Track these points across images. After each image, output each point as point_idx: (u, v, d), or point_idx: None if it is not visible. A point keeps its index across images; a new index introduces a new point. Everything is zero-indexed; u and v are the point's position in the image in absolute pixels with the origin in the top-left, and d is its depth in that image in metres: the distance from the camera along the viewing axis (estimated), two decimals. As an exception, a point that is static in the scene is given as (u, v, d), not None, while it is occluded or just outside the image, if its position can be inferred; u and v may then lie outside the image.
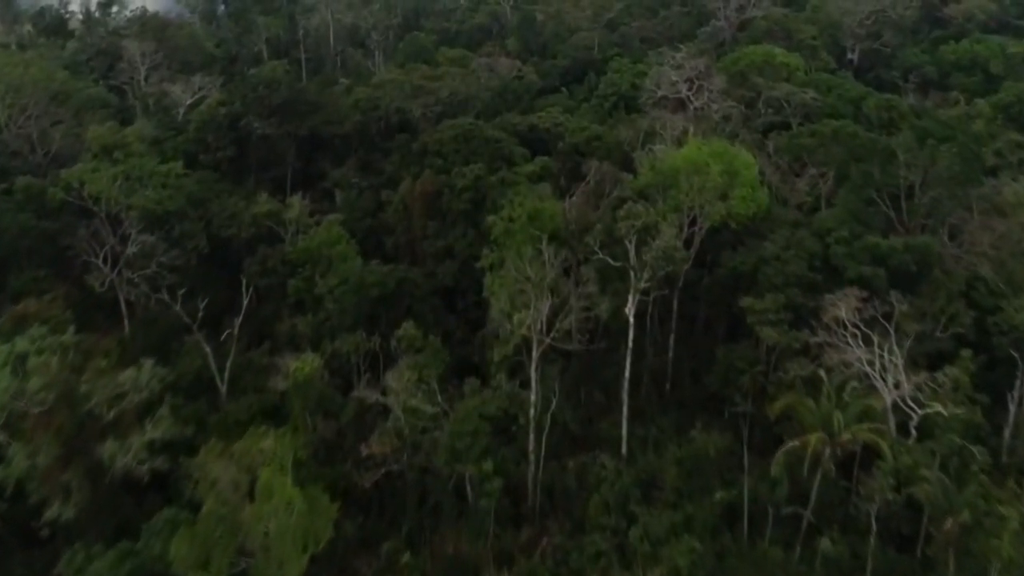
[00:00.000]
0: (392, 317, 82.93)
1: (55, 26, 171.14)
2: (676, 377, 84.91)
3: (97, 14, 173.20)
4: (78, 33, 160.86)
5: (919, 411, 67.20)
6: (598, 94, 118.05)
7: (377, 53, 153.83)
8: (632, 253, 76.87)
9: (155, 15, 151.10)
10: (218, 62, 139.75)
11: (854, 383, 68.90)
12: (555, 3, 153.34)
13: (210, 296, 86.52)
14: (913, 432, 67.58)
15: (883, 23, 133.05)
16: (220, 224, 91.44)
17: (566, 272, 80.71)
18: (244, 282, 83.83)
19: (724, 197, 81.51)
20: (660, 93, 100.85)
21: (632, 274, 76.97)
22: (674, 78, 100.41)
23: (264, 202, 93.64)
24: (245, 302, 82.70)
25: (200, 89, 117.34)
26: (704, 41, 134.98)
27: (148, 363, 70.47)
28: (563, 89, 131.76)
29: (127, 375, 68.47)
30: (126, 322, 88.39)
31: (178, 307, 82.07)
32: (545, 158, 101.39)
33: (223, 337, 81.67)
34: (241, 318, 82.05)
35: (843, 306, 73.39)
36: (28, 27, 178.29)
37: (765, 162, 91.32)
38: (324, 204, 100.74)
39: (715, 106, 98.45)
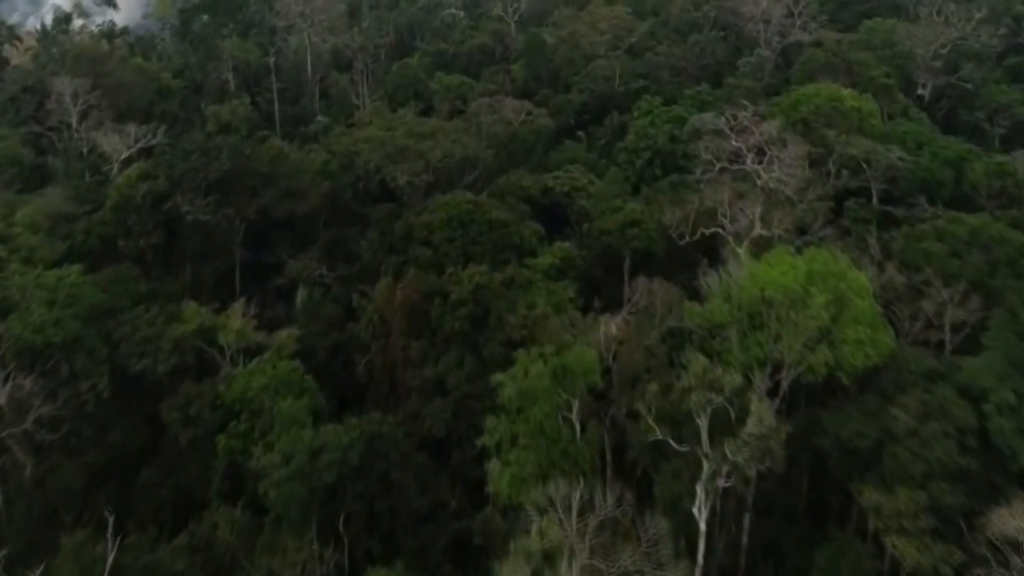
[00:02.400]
0: (356, 514, 54.78)
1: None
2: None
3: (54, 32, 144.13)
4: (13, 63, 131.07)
5: None
6: (628, 147, 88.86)
7: (363, 81, 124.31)
8: (705, 436, 48.80)
9: (111, 33, 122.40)
10: (172, 98, 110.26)
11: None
12: (567, 24, 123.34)
13: (113, 452, 59.23)
14: None
15: (962, 54, 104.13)
16: (130, 352, 63.00)
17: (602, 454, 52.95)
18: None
19: (829, 338, 53.29)
20: (719, 165, 71.90)
21: (705, 463, 49.03)
22: (736, 142, 71.53)
23: (192, 315, 65.02)
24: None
25: (138, 141, 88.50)
26: (748, 75, 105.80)
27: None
28: (580, 133, 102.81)
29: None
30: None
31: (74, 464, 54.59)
32: (565, 245, 73.00)
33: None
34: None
35: (1015, 518, 46.23)
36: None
37: (865, 265, 62.87)
38: (279, 308, 72.34)
39: (790, 179, 69.69)
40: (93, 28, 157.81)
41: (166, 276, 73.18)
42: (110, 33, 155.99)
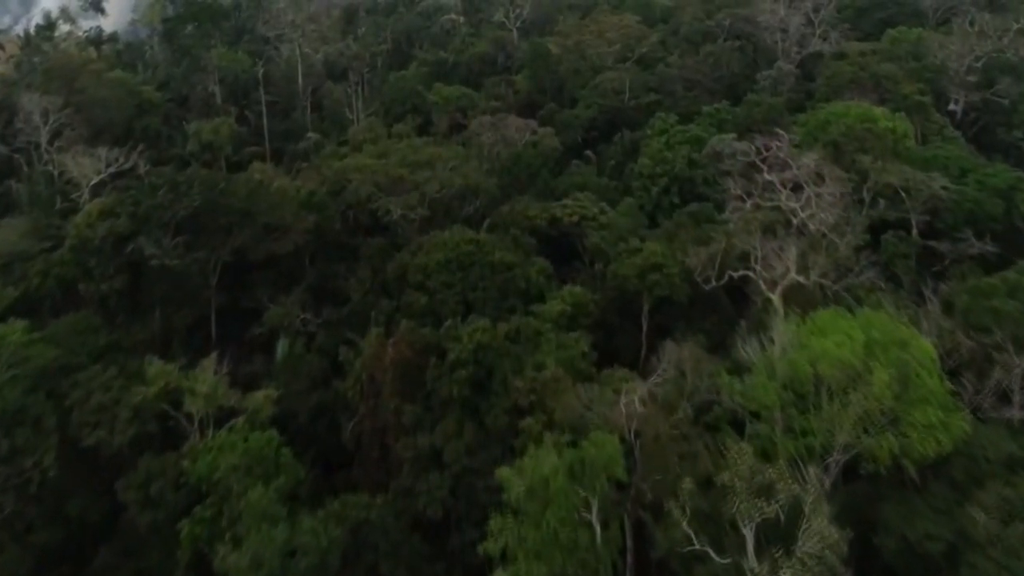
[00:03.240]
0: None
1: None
2: None
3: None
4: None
5: None
6: (642, 172, 79.43)
7: (359, 92, 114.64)
8: (751, 548, 39.70)
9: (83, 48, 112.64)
10: (154, 113, 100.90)
11: None
12: (573, 34, 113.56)
13: (67, 529, 50.81)
14: None
15: (997, 67, 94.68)
16: (83, 422, 53.78)
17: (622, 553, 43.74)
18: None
19: (892, 419, 44.15)
20: (751, 202, 62.39)
21: (750, 578, 39.94)
22: (769, 175, 62.02)
23: (157, 376, 55.60)
24: None
25: (109, 165, 79.23)
26: (767, 89, 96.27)
27: None
28: (588, 153, 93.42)
29: None
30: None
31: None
32: (577, 290, 63.67)
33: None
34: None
35: None
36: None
37: (921, 318, 53.60)
38: (257, 361, 62.97)
39: (826, 217, 60.31)
40: (80, 34, 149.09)
41: (132, 323, 63.85)
42: (97, 40, 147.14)
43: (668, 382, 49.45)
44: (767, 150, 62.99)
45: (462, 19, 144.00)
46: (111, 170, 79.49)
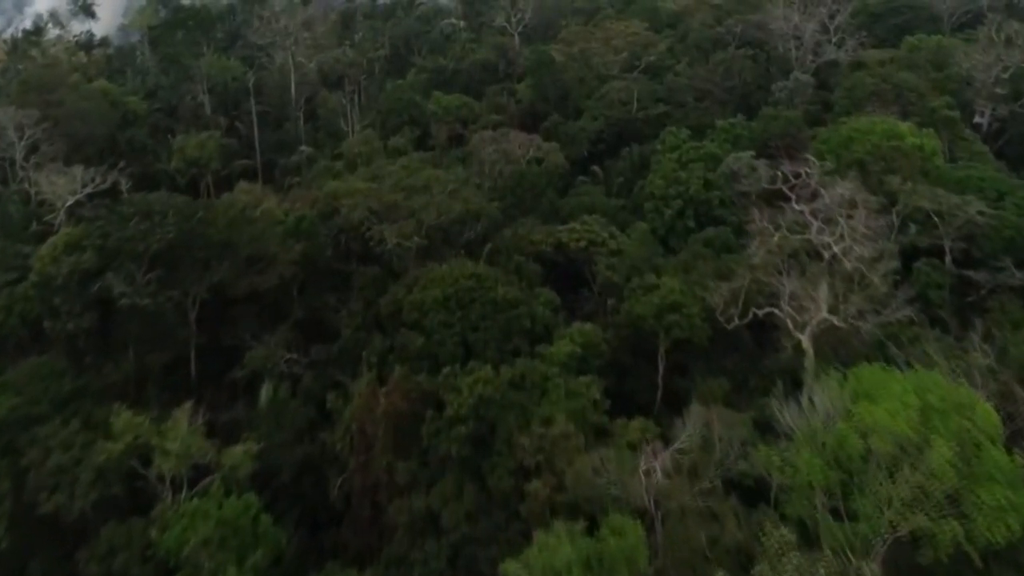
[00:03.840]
0: None
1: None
2: None
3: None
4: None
5: None
6: (655, 194, 72.87)
7: (354, 102, 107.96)
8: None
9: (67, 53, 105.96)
10: (140, 125, 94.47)
11: None
12: (578, 41, 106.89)
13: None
14: None
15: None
16: (40, 486, 47.46)
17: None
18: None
19: (954, 500, 37.87)
20: (778, 236, 55.73)
21: None
22: (797, 205, 55.53)
23: (124, 429, 49.22)
24: None
25: (85, 185, 72.83)
26: (784, 101, 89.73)
27: None
28: (595, 168, 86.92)
29: None
30: None
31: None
32: (587, 328, 57.25)
33: None
34: None
35: None
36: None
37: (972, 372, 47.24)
38: (238, 407, 56.57)
39: (861, 251, 53.88)
40: (70, 39, 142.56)
41: (103, 364, 57.39)
42: (88, 45, 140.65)
43: (693, 445, 42.97)
44: (795, 177, 56.36)
45: (462, 23, 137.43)
46: (88, 190, 73.09)
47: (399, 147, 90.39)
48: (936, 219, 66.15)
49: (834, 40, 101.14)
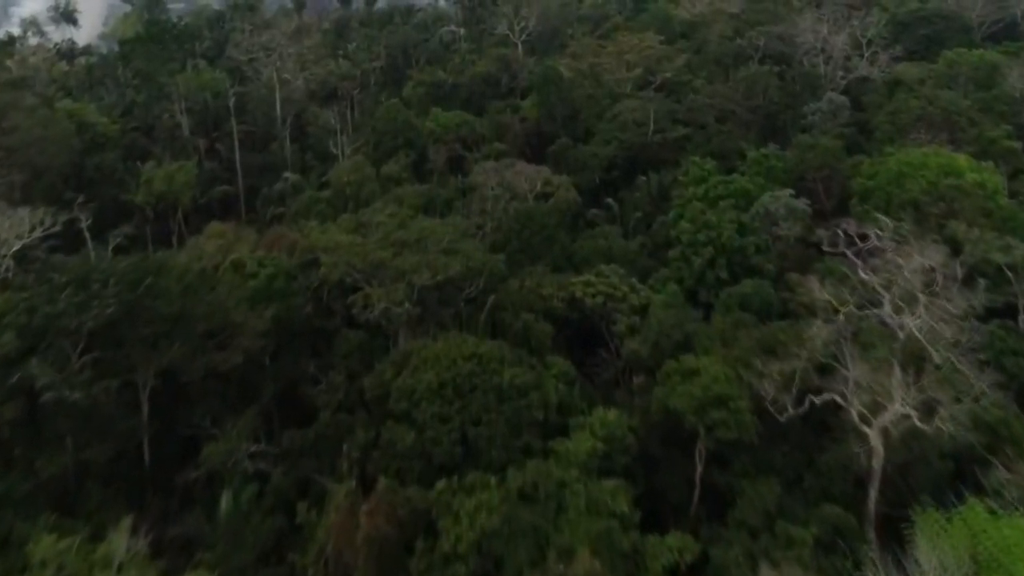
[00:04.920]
0: None
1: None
2: None
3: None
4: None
5: None
6: (682, 239, 61.86)
7: (345, 120, 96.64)
8: None
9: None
10: (110, 148, 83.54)
11: None
12: (588, 55, 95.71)
13: None
14: None
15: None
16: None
17: None
18: None
19: None
20: (844, 311, 44.88)
21: None
22: (864, 272, 44.81)
23: (46, 556, 38.52)
24: None
25: (34, 228, 61.98)
26: (817, 125, 78.66)
27: None
28: (609, 201, 75.83)
29: None
30: None
31: None
32: (610, 417, 46.41)
33: None
34: None
35: None
36: None
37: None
38: (193, 517, 45.66)
39: (944, 331, 43.22)
40: (50, 47, 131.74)
41: (36, 457, 46.51)
42: (69, 53, 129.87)
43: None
44: (861, 239, 45.53)
45: (462, 31, 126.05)
46: (38, 233, 62.31)
47: (393, 175, 79.65)
48: (1008, 273, 55.62)
49: (867, 55, 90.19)
